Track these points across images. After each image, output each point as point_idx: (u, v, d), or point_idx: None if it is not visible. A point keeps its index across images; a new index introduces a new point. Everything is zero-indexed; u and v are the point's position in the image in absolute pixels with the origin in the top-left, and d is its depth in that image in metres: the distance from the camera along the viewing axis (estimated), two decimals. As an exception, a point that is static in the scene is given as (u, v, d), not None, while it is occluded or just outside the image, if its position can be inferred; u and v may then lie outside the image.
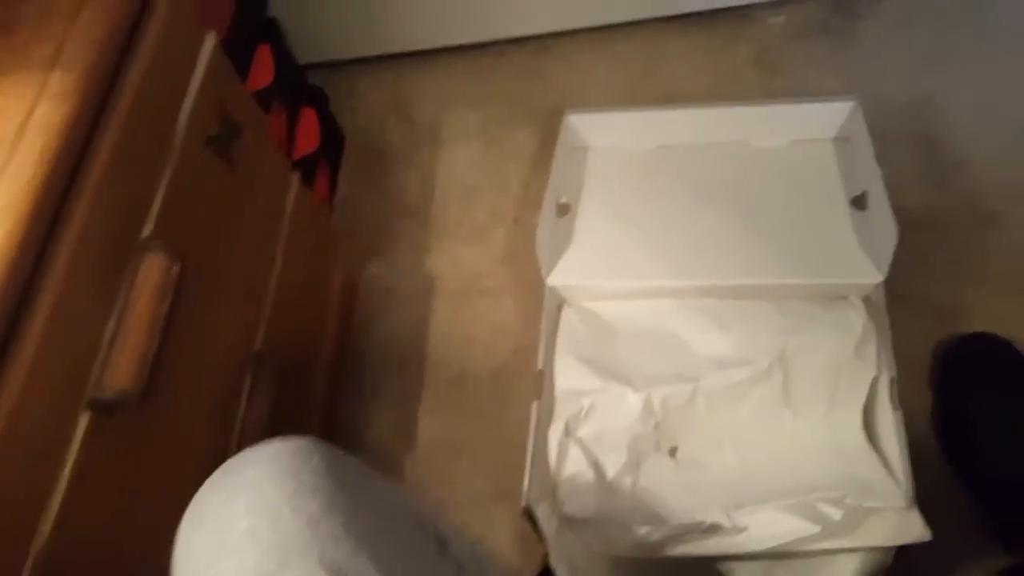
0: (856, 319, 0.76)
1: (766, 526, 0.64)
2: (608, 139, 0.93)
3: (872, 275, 0.77)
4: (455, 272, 1.07)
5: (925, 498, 0.66)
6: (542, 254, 0.82)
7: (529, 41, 1.24)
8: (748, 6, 1.19)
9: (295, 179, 0.86)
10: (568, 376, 0.78)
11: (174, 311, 0.56)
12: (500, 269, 1.06)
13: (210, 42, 0.67)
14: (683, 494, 0.70)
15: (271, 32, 0.99)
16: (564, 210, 0.88)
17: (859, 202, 0.83)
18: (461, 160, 1.17)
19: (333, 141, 1.14)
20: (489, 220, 1.10)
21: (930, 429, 0.83)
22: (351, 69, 1.27)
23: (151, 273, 0.55)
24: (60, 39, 0.52)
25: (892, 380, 0.72)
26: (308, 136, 1.03)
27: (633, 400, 0.74)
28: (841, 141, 0.89)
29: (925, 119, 1.06)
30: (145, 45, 0.57)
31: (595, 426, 0.74)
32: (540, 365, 0.79)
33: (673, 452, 0.74)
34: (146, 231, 0.57)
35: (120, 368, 0.51)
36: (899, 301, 0.79)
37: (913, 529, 0.64)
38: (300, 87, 1.09)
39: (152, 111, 0.58)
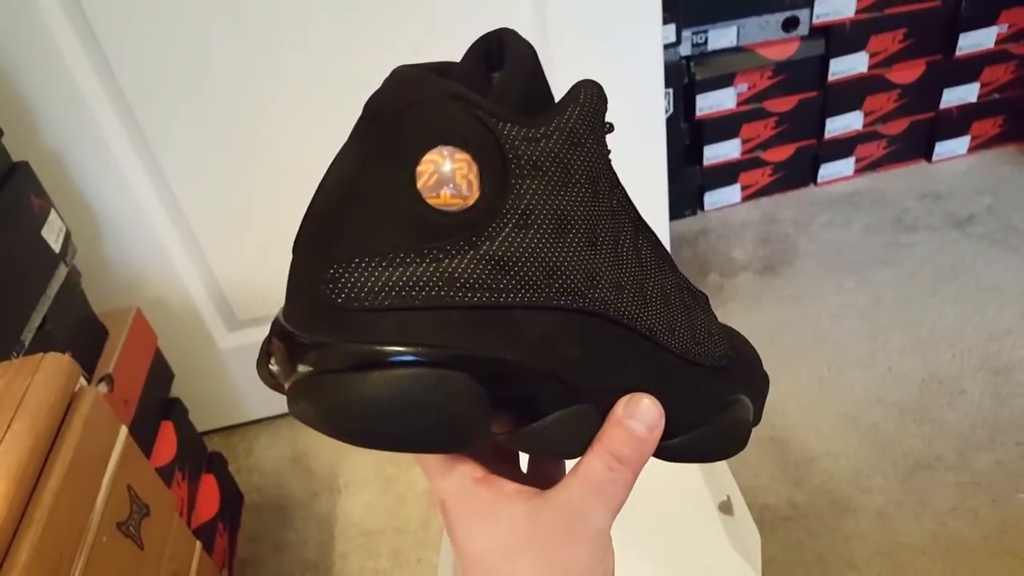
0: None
1: None
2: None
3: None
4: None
5: None
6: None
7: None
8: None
9: (197, 547, 0.88)
10: None
11: None
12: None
13: (122, 434, 0.73)
14: None
15: (173, 409, 1.06)
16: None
17: (726, 507, 0.92)
18: (359, 505, 1.21)
19: (231, 503, 1.17)
20: (392, 564, 1.12)
21: None
22: (249, 429, 1.34)
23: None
24: (-10, 454, 0.58)
25: None
26: (208, 502, 1.06)
27: None
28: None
29: (772, 424, 1.20)
30: (66, 447, 0.64)
31: None
32: None
33: None
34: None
35: None
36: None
37: None
38: (200, 455, 1.15)
39: (71, 506, 0.62)
